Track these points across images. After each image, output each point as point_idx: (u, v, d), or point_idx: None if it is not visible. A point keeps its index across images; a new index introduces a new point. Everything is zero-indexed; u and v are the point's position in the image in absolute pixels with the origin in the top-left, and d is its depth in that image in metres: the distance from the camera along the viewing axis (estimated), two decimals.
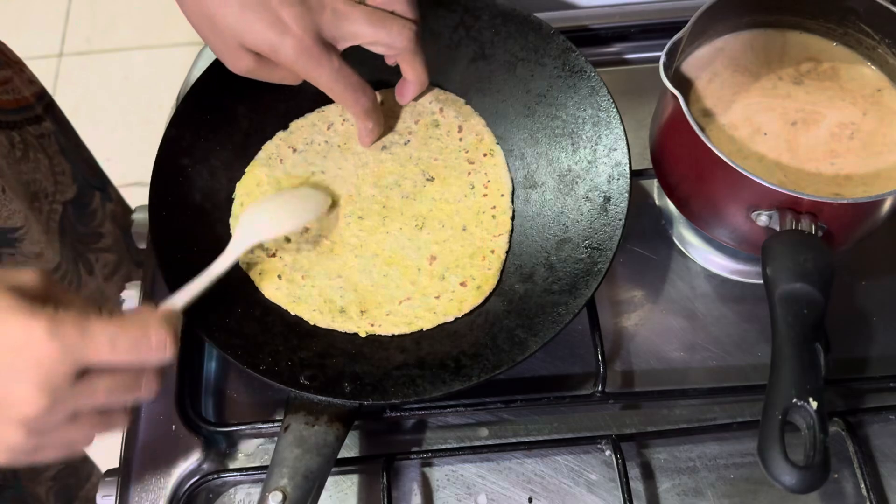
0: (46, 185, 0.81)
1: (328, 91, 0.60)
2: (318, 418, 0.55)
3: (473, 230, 0.64)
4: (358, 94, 0.61)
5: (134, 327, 0.46)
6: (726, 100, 0.64)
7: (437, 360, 0.59)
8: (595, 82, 0.67)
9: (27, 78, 0.80)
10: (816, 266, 0.53)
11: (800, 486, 0.48)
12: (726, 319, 0.66)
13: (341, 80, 0.59)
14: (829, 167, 0.61)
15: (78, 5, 2.05)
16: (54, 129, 0.83)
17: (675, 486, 0.60)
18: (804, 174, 0.60)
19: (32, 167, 0.79)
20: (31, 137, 0.79)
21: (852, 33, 0.65)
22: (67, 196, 0.85)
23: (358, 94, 0.61)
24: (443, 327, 0.61)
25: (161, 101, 0.61)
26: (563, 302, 0.59)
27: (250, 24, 0.55)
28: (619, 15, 0.79)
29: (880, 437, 0.61)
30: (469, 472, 0.61)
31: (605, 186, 0.64)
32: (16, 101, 0.78)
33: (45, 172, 0.81)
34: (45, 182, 0.81)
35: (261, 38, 0.56)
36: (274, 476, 0.53)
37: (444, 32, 0.71)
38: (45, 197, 0.81)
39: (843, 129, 0.62)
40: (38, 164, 0.79)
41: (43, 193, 0.81)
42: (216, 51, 0.59)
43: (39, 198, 0.80)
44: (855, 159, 0.61)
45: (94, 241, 0.91)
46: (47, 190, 0.81)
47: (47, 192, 0.81)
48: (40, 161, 0.80)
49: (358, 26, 0.58)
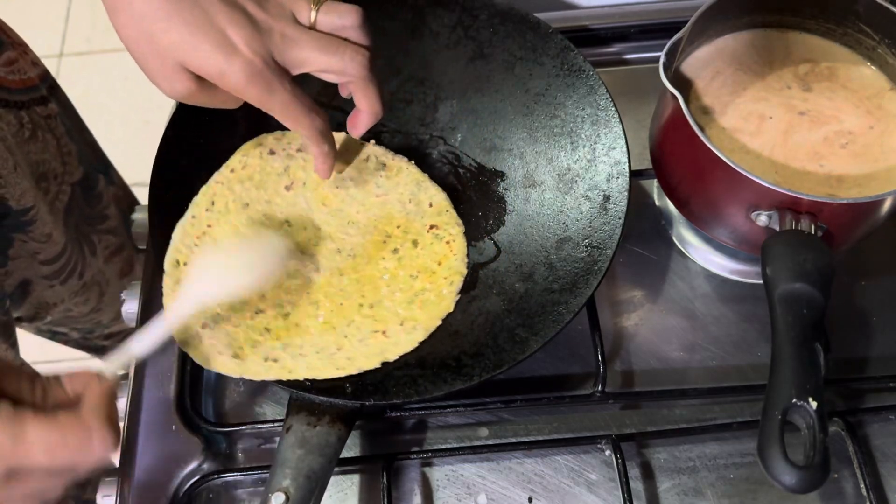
0: (55, 165, 0.81)
1: (281, 117, 0.55)
2: (320, 419, 0.55)
3: None
4: (312, 116, 0.56)
5: (74, 430, 0.43)
6: (726, 100, 0.64)
7: (439, 359, 0.59)
8: (594, 81, 0.66)
9: (31, 60, 0.80)
10: (816, 266, 0.53)
11: (799, 486, 0.48)
12: (726, 319, 0.66)
13: (295, 104, 0.54)
14: (825, 168, 0.61)
15: (78, 5, 2.05)
16: (59, 111, 0.83)
17: (675, 486, 0.60)
18: (799, 174, 0.60)
19: (41, 147, 0.79)
20: (39, 118, 0.79)
21: (852, 33, 0.65)
22: (76, 177, 0.85)
23: (312, 117, 0.56)
24: (443, 327, 0.61)
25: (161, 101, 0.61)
26: (564, 301, 0.59)
27: (196, 45, 0.50)
28: (618, 15, 0.79)
29: (880, 437, 0.61)
30: (469, 472, 0.61)
31: (605, 185, 0.64)
32: (22, 82, 0.78)
33: (53, 153, 0.81)
34: (54, 163, 0.81)
35: (207, 61, 0.50)
36: (276, 477, 0.53)
37: (442, 32, 0.71)
38: (53, 178, 0.81)
39: (841, 131, 0.62)
40: (46, 145, 0.80)
41: (52, 174, 0.81)
42: (150, 72, 0.52)
43: (48, 178, 0.80)
44: (851, 161, 0.61)
45: (100, 222, 0.92)
46: (56, 171, 0.81)
47: (56, 174, 0.81)
48: (48, 141, 0.80)
49: (308, 52, 0.54)
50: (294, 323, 0.60)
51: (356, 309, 0.61)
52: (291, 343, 0.58)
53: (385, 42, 0.71)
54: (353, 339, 0.59)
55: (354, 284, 0.62)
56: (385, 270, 0.63)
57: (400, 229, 0.65)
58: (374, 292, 0.62)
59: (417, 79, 0.71)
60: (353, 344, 0.59)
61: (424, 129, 0.70)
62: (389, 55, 0.71)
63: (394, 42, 0.71)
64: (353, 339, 0.59)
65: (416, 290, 0.62)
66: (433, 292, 0.62)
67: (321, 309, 0.60)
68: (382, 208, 0.65)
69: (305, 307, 0.61)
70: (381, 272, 0.63)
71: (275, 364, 0.57)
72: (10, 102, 0.76)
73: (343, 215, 0.65)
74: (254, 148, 0.66)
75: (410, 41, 0.71)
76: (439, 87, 0.71)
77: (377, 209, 0.65)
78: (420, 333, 0.60)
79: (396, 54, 0.71)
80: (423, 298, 0.61)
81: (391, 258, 0.63)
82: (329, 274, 0.62)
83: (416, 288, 0.62)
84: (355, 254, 0.63)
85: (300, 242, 0.63)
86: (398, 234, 0.64)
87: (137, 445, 0.61)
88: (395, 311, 0.61)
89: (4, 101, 0.75)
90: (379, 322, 0.60)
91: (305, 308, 0.60)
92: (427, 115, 0.70)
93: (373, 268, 0.63)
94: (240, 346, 0.57)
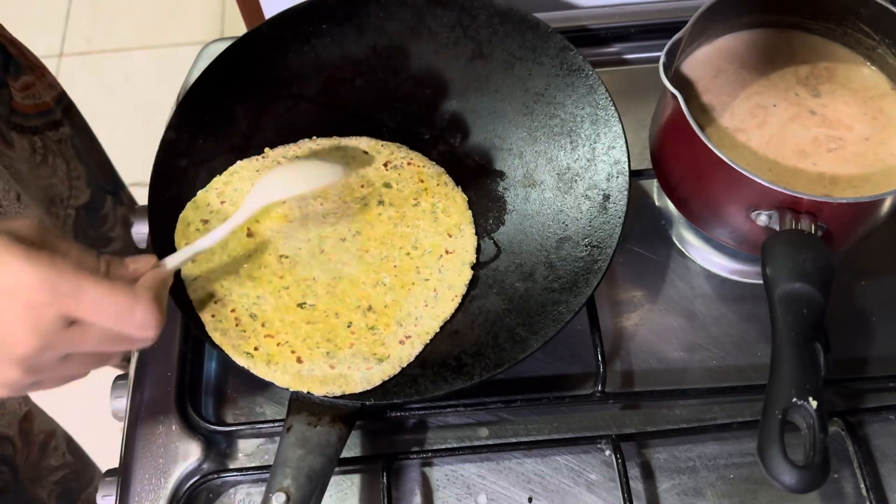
0: (62, 189, 0.81)
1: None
2: (321, 419, 0.55)
3: None
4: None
5: (122, 296, 0.46)
6: (726, 100, 0.64)
7: (439, 359, 0.59)
8: (593, 80, 0.66)
9: (48, 82, 0.81)
10: (816, 266, 0.53)
11: (800, 486, 0.48)
12: (726, 319, 0.66)
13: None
14: (821, 168, 0.61)
15: (78, 5, 2.05)
16: (71, 133, 0.83)
17: (674, 486, 0.60)
18: (795, 173, 0.60)
19: (50, 172, 0.79)
20: (51, 142, 0.79)
21: (852, 33, 0.65)
22: (81, 200, 0.85)
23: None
24: (443, 327, 0.61)
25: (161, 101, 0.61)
26: (564, 300, 0.59)
27: None
28: (618, 15, 0.79)
29: (880, 437, 0.61)
30: (469, 472, 0.61)
31: (605, 184, 0.64)
32: (36, 106, 0.79)
33: (61, 177, 0.81)
34: (61, 187, 0.81)
35: None
36: (277, 476, 0.53)
37: (441, 32, 0.71)
38: (60, 202, 0.81)
39: (841, 131, 0.62)
40: (55, 169, 0.80)
41: (59, 198, 0.81)
42: None
43: (56, 202, 0.80)
44: (849, 162, 0.61)
45: (104, 245, 0.91)
46: (63, 195, 0.82)
47: (62, 197, 0.82)
48: (58, 166, 0.80)
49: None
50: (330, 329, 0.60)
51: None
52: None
53: (384, 42, 0.71)
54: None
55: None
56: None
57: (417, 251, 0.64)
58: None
59: (417, 79, 0.71)
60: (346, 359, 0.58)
61: (424, 129, 0.70)
62: (388, 55, 0.71)
63: (393, 42, 0.71)
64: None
65: None
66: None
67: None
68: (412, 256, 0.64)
69: (346, 314, 0.60)
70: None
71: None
72: (25, 128, 0.76)
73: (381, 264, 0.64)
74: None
75: (410, 41, 0.71)
76: (439, 86, 0.71)
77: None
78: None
79: (395, 54, 0.71)
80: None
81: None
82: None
83: None
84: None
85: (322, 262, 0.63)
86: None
87: (137, 445, 0.61)
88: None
89: (20, 127, 0.76)
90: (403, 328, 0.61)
91: (346, 314, 0.61)
92: (426, 115, 0.70)
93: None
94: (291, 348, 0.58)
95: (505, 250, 0.65)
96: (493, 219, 0.66)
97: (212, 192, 0.64)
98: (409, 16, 0.71)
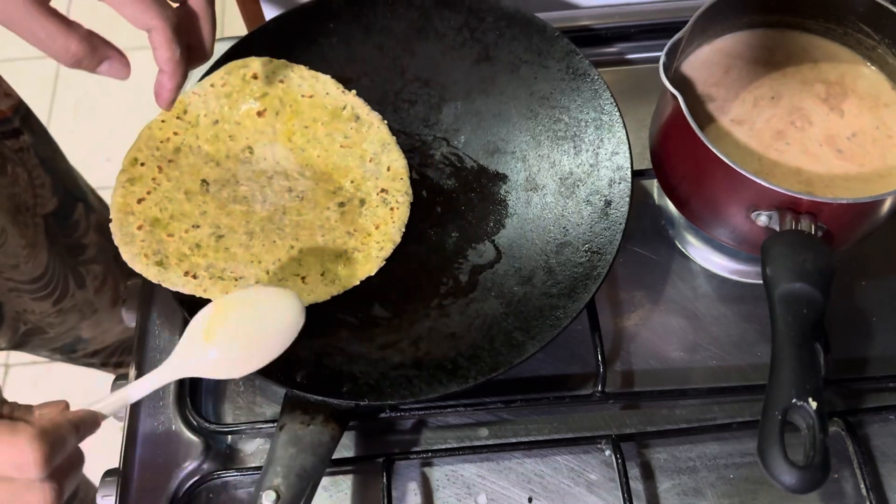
0: (26, 198, 0.81)
1: None
2: (314, 418, 0.55)
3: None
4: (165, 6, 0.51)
5: (3, 436, 0.41)
6: (726, 100, 0.64)
7: (435, 361, 0.59)
8: (598, 85, 0.67)
9: (4, 91, 0.79)
10: (816, 266, 0.53)
11: (800, 486, 0.48)
12: (726, 319, 0.66)
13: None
14: (824, 167, 0.61)
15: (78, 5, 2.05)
16: (32, 142, 0.82)
17: (675, 486, 0.60)
18: (795, 173, 0.60)
19: (10, 181, 0.78)
20: (10, 151, 0.78)
21: (852, 33, 0.65)
22: (49, 208, 0.84)
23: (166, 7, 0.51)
24: (440, 329, 0.61)
25: None
26: (562, 305, 0.59)
27: None
28: (619, 15, 0.79)
29: (880, 437, 0.61)
30: (469, 472, 0.61)
31: (607, 190, 0.64)
32: None
33: (24, 186, 0.80)
34: (25, 195, 0.80)
35: None
36: (268, 475, 0.53)
37: (448, 33, 0.71)
38: (26, 210, 0.81)
39: (841, 131, 0.62)
40: (16, 178, 0.79)
41: (24, 206, 0.80)
42: None
43: (22, 211, 0.80)
44: (848, 162, 0.61)
45: (79, 252, 0.90)
46: (27, 203, 0.81)
47: (28, 206, 0.81)
48: (19, 175, 0.79)
49: None
50: (224, 246, 0.61)
51: (286, 249, 0.62)
52: (216, 265, 0.60)
53: (391, 42, 0.71)
54: (272, 278, 0.60)
55: (293, 226, 0.63)
56: (326, 220, 0.64)
57: (353, 184, 0.65)
58: (309, 238, 0.62)
59: (422, 80, 0.71)
60: (271, 281, 0.60)
61: (428, 130, 0.70)
62: (395, 55, 0.71)
63: (400, 42, 0.71)
64: (274, 277, 0.61)
65: (347, 247, 0.63)
66: (363, 253, 0.63)
67: (254, 240, 0.62)
68: (343, 159, 0.66)
69: (240, 235, 0.62)
70: (321, 221, 0.63)
71: (192, 280, 0.59)
72: None
73: (304, 155, 0.66)
74: (239, 68, 0.67)
75: (416, 42, 0.72)
76: (444, 88, 0.71)
77: (337, 158, 0.66)
78: (336, 288, 0.61)
79: (402, 55, 0.71)
80: (350, 257, 0.62)
81: (335, 210, 0.64)
82: (273, 209, 0.63)
83: (348, 245, 0.63)
84: (303, 197, 0.64)
85: (255, 171, 0.65)
86: (349, 189, 0.65)
87: (137, 445, 0.62)
88: (322, 261, 0.62)
89: None
90: (302, 267, 0.61)
91: (239, 236, 0.62)
92: (431, 116, 0.70)
93: (315, 215, 0.64)
94: (166, 255, 0.59)
95: (505, 254, 0.65)
96: (493, 222, 0.66)
97: None
98: (416, 17, 0.72)
